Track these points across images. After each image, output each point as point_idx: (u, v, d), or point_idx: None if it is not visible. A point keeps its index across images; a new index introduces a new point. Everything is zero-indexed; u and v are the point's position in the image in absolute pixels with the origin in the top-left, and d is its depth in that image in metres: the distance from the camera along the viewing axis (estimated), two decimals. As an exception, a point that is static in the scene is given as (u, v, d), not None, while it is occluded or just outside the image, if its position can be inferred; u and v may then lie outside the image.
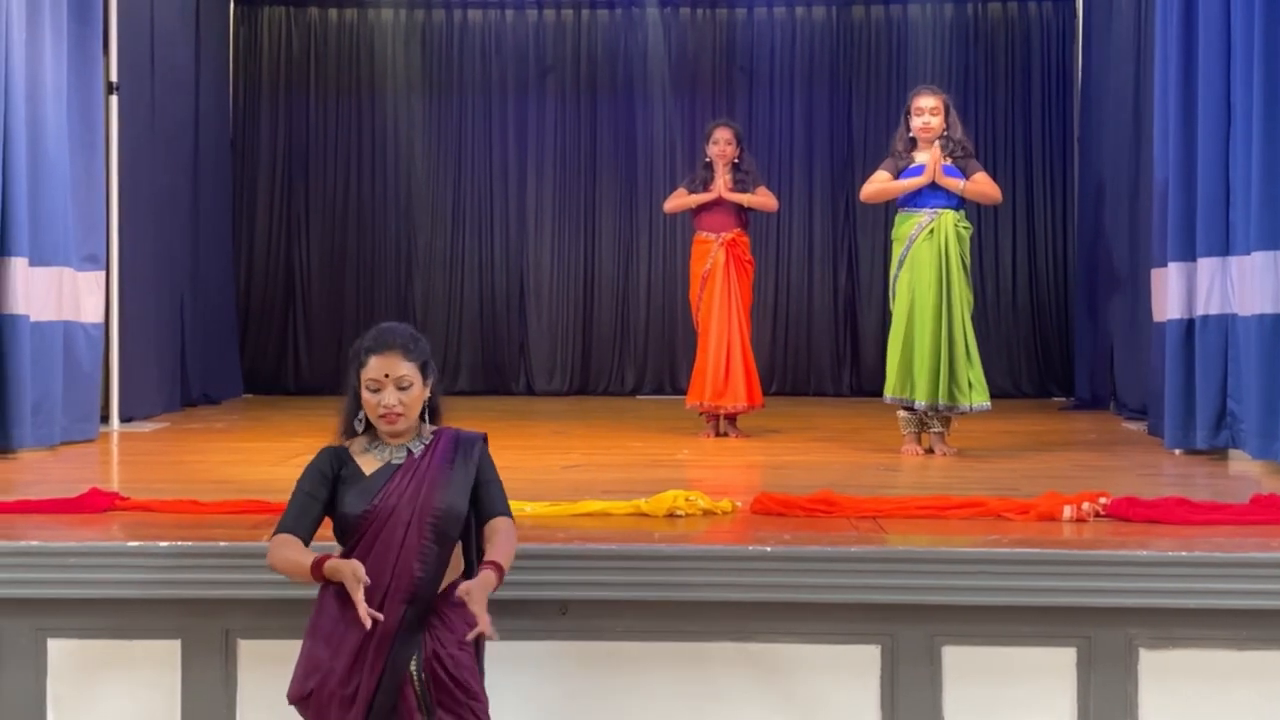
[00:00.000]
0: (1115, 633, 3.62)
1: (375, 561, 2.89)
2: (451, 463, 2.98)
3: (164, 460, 5.88)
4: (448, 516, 2.94)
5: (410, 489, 2.93)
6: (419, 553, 2.91)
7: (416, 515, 2.91)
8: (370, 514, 2.93)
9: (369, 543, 2.92)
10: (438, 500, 2.93)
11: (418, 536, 2.90)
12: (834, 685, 3.69)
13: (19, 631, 3.74)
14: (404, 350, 2.99)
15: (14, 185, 5.70)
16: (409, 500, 2.92)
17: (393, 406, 2.95)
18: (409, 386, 2.97)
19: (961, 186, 5.80)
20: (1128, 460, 5.70)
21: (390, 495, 2.94)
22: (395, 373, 2.96)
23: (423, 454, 3.00)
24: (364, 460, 3.01)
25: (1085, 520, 4.00)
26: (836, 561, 3.64)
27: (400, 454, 3.01)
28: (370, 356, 2.98)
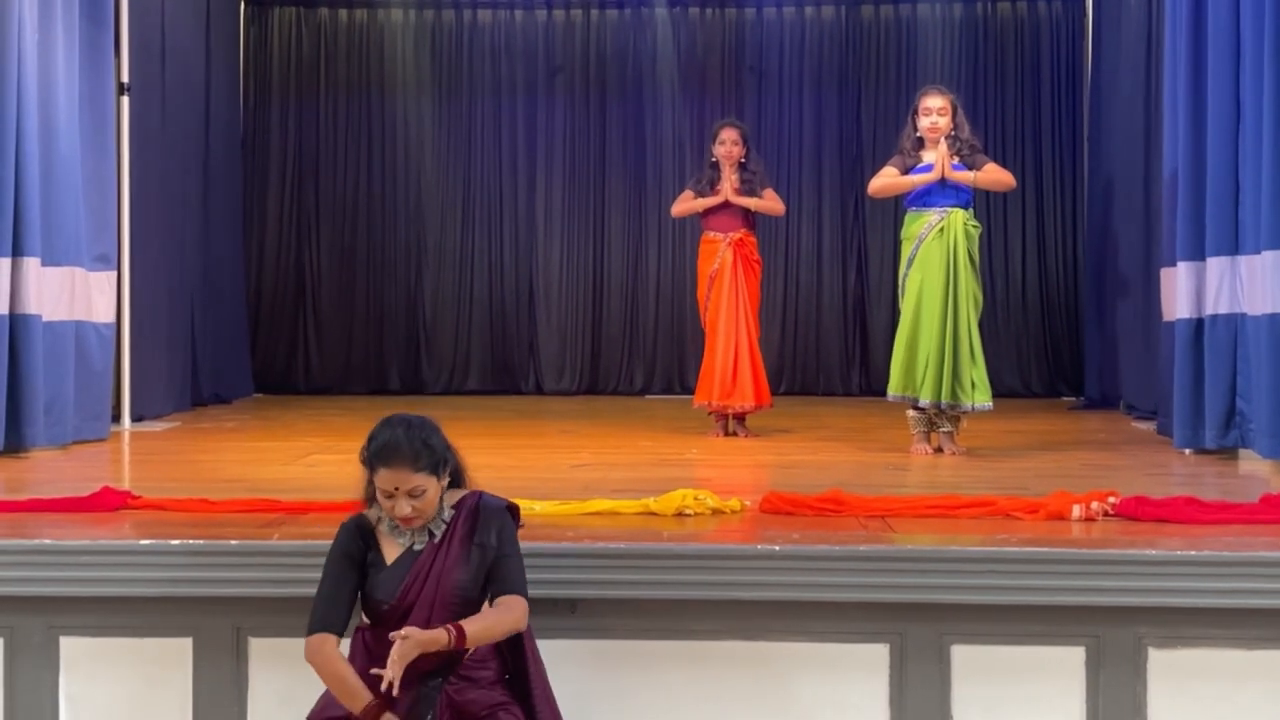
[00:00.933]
0: (1124, 632, 3.62)
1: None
2: (470, 539, 3.02)
3: (176, 459, 5.91)
4: (466, 596, 3.01)
5: (430, 579, 2.99)
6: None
7: (438, 603, 2.98)
8: (393, 608, 3.00)
9: (392, 627, 2.96)
10: (455, 583, 3.00)
11: (438, 617, 2.97)
12: (843, 684, 3.69)
13: (32, 629, 3.76)
14: (412, 464, 2.98)
15: (27, 186, 5.73)
16: (430, 591, 2.98)
17: (408, 515, 3.00)
18: (422, 494, 3.00)
19: (973, 178, 5.82)
20: (1136, 460, 5.70)
21: (411, 590, 3.00)
22: (405, 485, 2.98)
23: (444, 536, 3.04)
24: (386, 544, 3.06)
25: (1094, 519, 4.00)
26: (845, 560, 3.65)
27: (422, 538, 3.05)
28: (379, 467, 3.00)
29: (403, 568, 2.99)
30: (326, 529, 3.88)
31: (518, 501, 4.17)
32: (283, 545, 3.75)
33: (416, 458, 2.97)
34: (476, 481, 3.22)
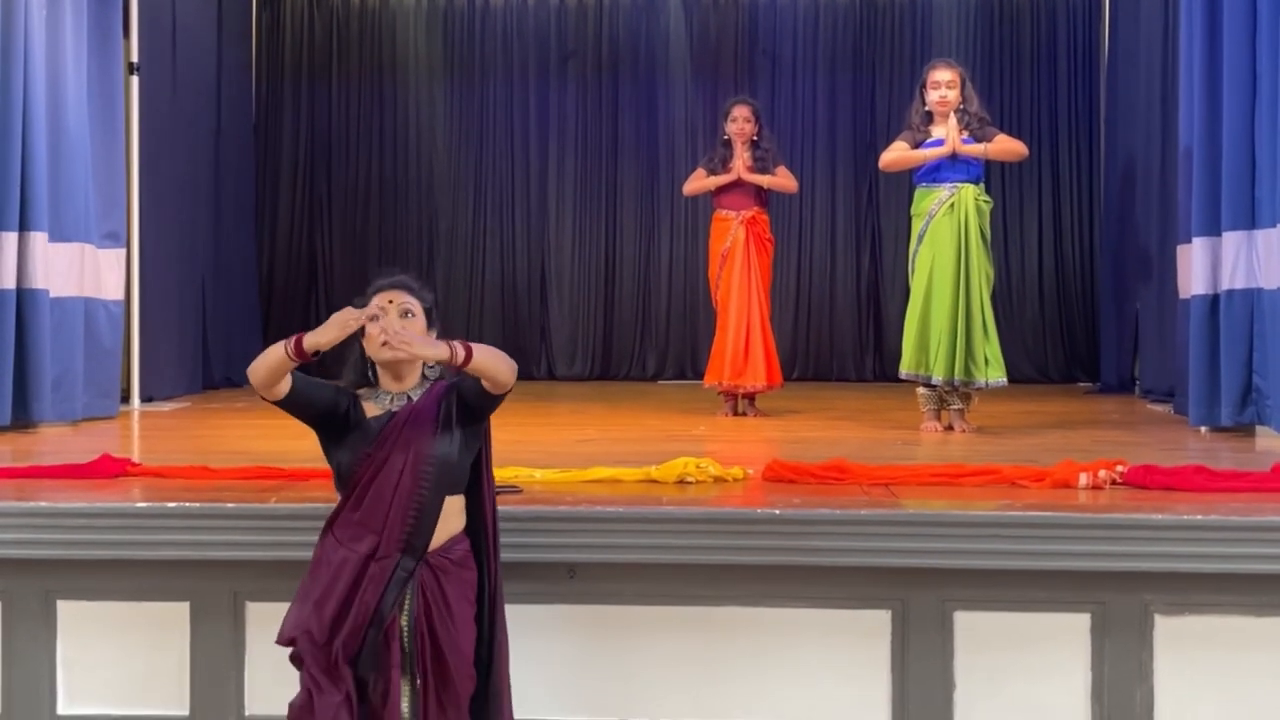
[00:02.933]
0: (1130, 598, 3.56)
1: (372, 504, 2.89)
2: (439, 410, 2.93)
3: (182, 434, 5.90)
4: (442, 465, 2.90)
5: (405, 434, 2.90)
6: (413, 499, 2.88)
7: (410, 461, 2.88)
8: (363, 460, 2.91)
9: (364, 488, 2.91)
10: (430, 448, 2.89)
11: (412, 482, 2.88)
12: (844, 651, 3.65)
13: (28, 593, 3.75)
14: (408, 287, 2.98)
15: (34, 160, 5.74)
16: (403, 445, 2.89)
17: (394, 329, 2.84)
18: (411, 316, 2.94)
19: (984, 150, 5.76)
20: (1150, 437, 5.62)
21: (387, 441, 2.90)
22: (398, 300, 2.95)
23: (419, 400, 2.97)
24: (368, 407, 2.99)
25: (1101, 488, 3.94)
26: (847, 525, 3.60)
27: (400, 401, 2.97)
28: (374, 295, 2.97)
29: (380, 423, 2.92)
30: (326, 494, 3.87)
31: (518, 470, 4.17)
32: (281, 508, 3.72)
33: (408, 285, 2.98)
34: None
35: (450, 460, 2.92)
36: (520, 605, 3.66)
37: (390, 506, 2.88)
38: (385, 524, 2.88)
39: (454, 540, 2.97)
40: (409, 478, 2.88)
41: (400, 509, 2.88)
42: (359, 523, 2.89)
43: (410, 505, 2.88)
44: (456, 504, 2.99)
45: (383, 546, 2.88)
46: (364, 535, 2.88)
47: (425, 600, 2.90)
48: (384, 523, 2.88)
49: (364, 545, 2.87)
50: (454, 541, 2.97)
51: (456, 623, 2.93)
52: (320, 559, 2.95)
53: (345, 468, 2.94)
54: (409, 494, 2.87)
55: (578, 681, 3.70)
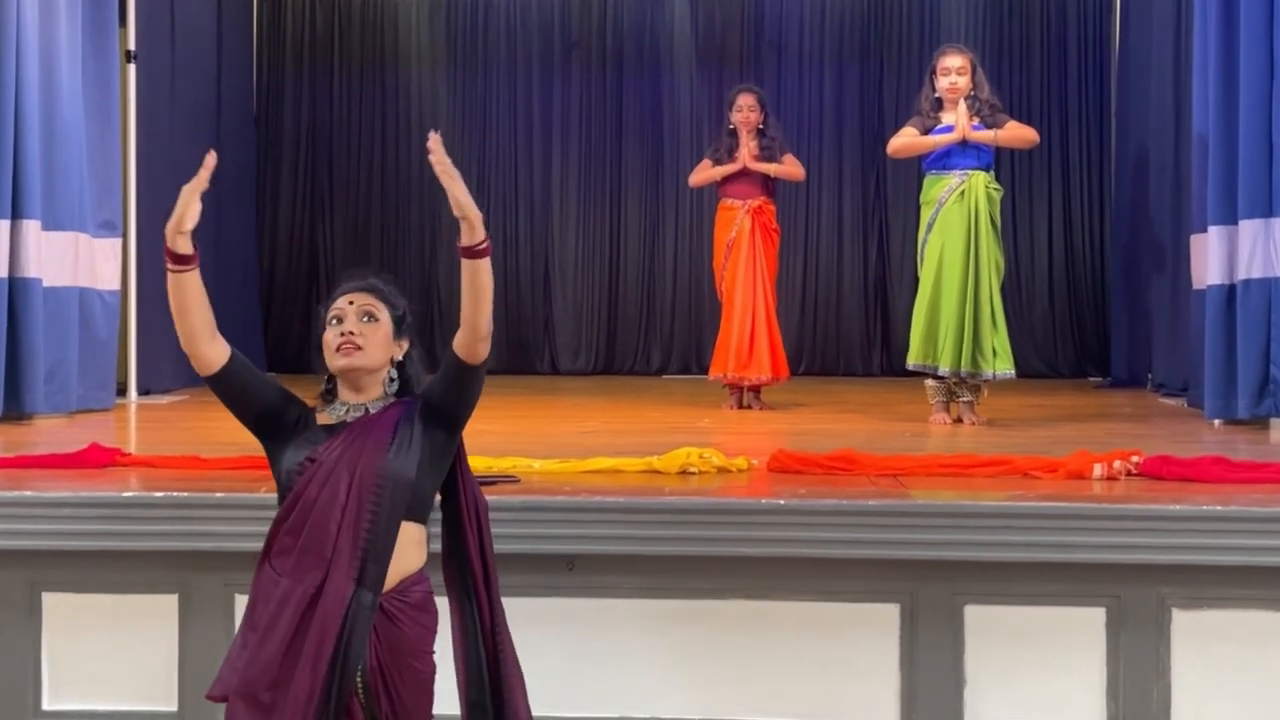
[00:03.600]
0: (1147, 592, 3.45)
1: (315, 526, 2.47)
2: (399, 421, 2.54)
3: (177, 427, 5.82)
4: (395, 484, 2.48)
5: (354, 446, 2.50)
6: (363, 521, 2.46)
7: (359, 477, 2.47)
8: (306, 465, 2.50)
9: (309, 502, 2.48)
10: (381, 463, 2.48)
11: (358, 501, 2.46)
12: (851, 645, 3.55)
13: (12, 585, 3.66)
14: (369, 289, 2.63)
15: (27, 147, 5.65)
16: (352, 458, 2.48)
17: (351, 333, 2.54)
18: (373, 320, 2.58)
19: (994, 136, 5.65)
20: (1165, 430, 5.51)
21: (333, 448, 2.51)
22: (359, 301, 2.60)
23: (379, 411, 2.59)
24: (321, 418, 2.63)
25: (1116, 479, 3.83)
26: (854, 515, 3.50)
27: (358, 413, 2.59)
28: (335, 298, 2.64)
29: (332, 430, 2.55)
30: (317, 484, 3.78)
31: (515, 460, 4.07)
32: (272, 498, 3.54)
33: (375, 288, 2.63)
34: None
35: (405, 478, 2.50)
36: (517, 598, 3.54)
37: (339, 529, 2.45)
38: (334, 550, 2.45)
39: (410, 580, 2.52)
40: (356, 496, 2.46)
41: (350, 532, 2.45)
42: (302, 549, 2.46)
43: (360, 528, 2.45)
44: (414, 534, 2.54)
45: (332, 577, 2.43)
46: (309, 565, 2.44)
47: (379, 651, 2.47)
48: (332, 548, 2.45)
49: (310, 577, 2.43)
50: (410, 582, 2.52)
51: (419, 679, 2.52)
52: (257, 596, 2.50)
53: (286, 476, 2.54)
54: (357, 515, 2.45)
55: (577, 677, 3.59)
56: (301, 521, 2.48)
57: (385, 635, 2.48)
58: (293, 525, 2.49)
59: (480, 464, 4.02)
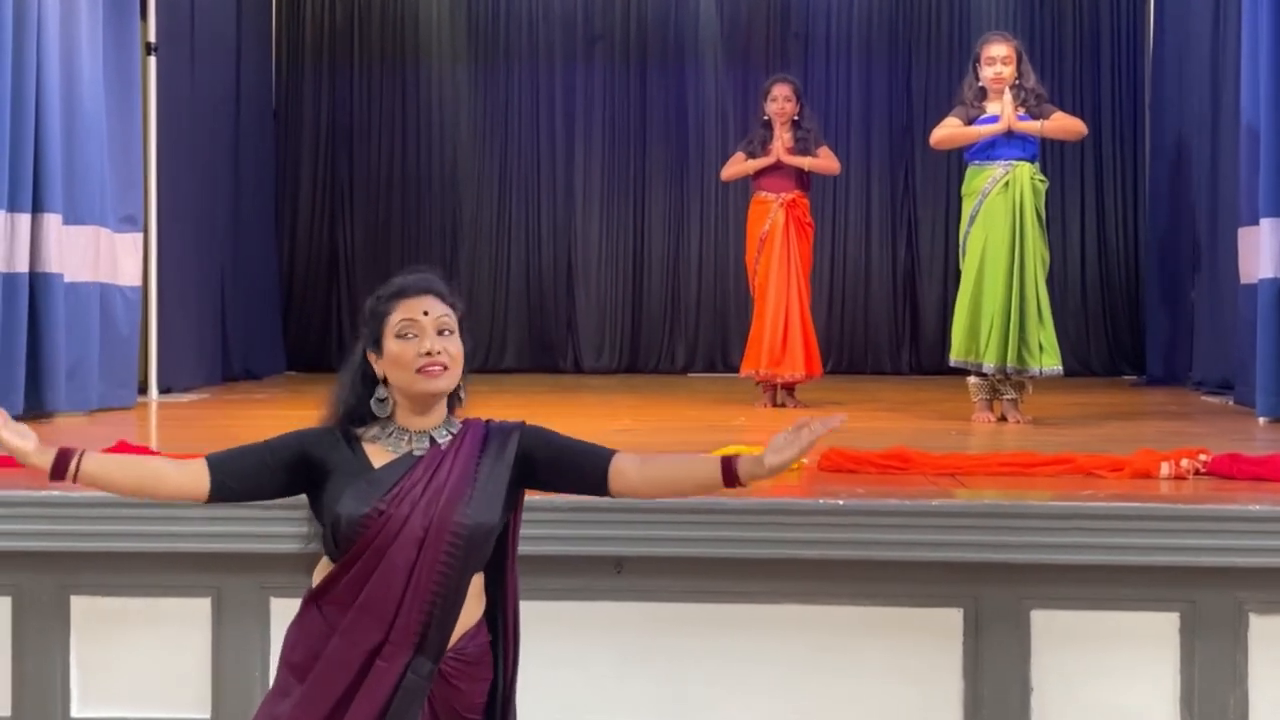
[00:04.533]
0: (1223, 596, 3.32)
1: (379, 585, 2.18)
2: (480, 458, 2.24)
3: (202, 425, 5.70)
4: (474, 534, 2.20)
5: (430, 491, 2.20)
6: (436, 578, 2.18)
7: (435, 528, 2.18)
8: (374, 518, 2.18)
9: (371, 560, 2.19)
10: (460, 513, 2.19)
11: (435, 556, 2.17)
12: (913, 652, 3.41)
13: (41, 588, 3.55)
14: (442, 295, 2.29)
15: (48, 140, 5.53)
16: (426, 506, 2.19)
17: (437, 351, 2.22)
18: (450, 335, 2.26)
19: (1040, 127, 5.49)
20: (1216, 428, 5.35)
21: (403, 497, 2.19)
22: (435, 312, 2.25)
23: (450, 446, 2.25)
24: (374, 450, 2.25)
25: (1184, 478, 3.70)
26: (915, 516, 3.36)
27: (423, 442, 2.25)
28: (399, 301, 2.27)
29: (397, 470, 2.20)
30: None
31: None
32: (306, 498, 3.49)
33: (446, 292, 2.29)
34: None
35: (487, 529, 2.23)
36: (563, 602, 3.45)
37: (406, 587, 2.18)
38: (398, 610, 2.18)
39: (470, 634, 2.26)
40: (432, 550, 2.18)
41: (418, 591, 2.18)
42: (362, 606, 2.18)
43: (431, 586, 2.18)
44: (478, 585, 2.28)
45: (392, 641, 2.18)
46: (368, 625, 2.18)
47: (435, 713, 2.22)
48: (396, 608, 2.18)
49: (367, 639, 2.18)
50: (470, 636, 2.26)
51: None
52: (302, 640, 2.25)
53: (346, 526, 2.20)
54: (430, 571, 2.17)
55: (624, 684, 3.47)
56: (364, 578, 2.19)
57: (441, 697, 2.23)
58: (354, 579, 2.20)
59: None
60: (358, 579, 2.20)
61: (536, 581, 3.43)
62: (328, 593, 2.24)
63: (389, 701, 2.18)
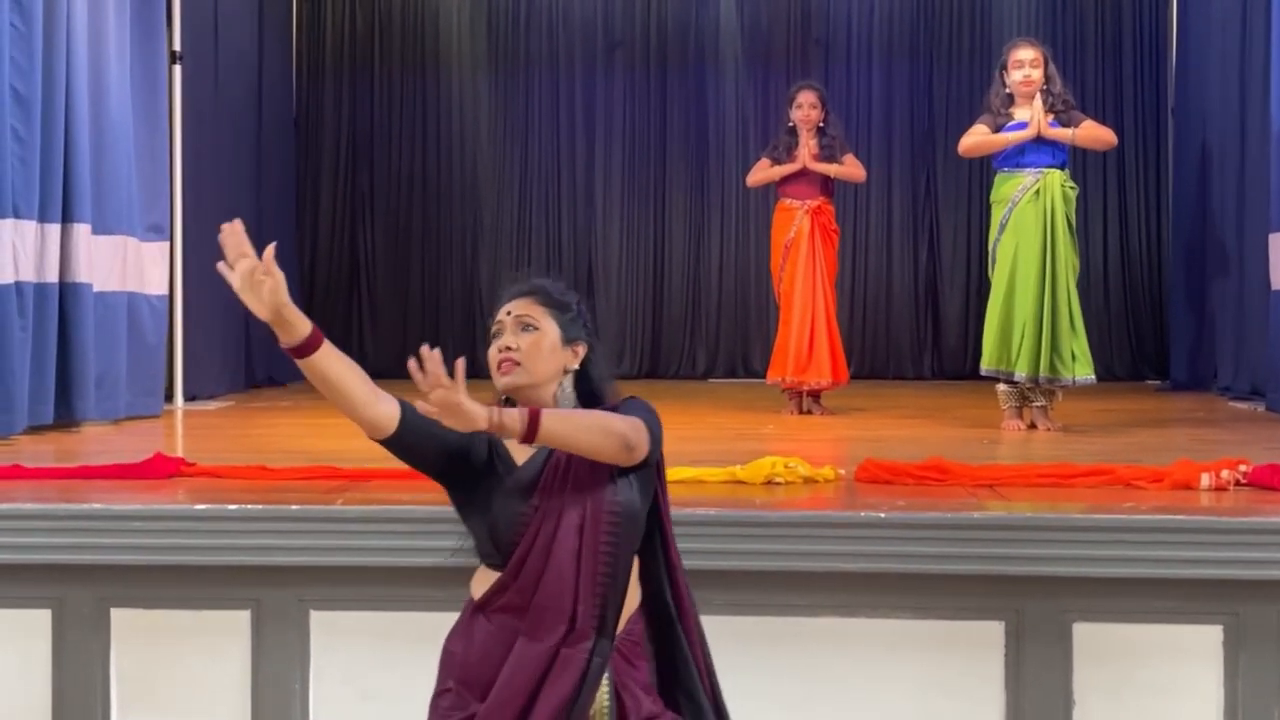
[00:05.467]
0: (1268, 609, 3.30)
1: (551, 581, 2.21)
2: None
3: (232, 433, 5.70)
4: (627, 510, 2.21)
5: (573, 480, 2.20)
6: (603, 560, 2.20)
7: (591, 513, 2.20)
8: (530, 514, 2.21)
9: (539, 558, 2.20)
10: (611, 493, 2.20)
11: (596, 539, 2.19)
12: (953, 665, 3.39)
13: (81, 601, 3.55)
14: (530, 294, 2.32)
15: (77, 150, 5.54)
16: (576, 494, 2.20)
17: (507, 347, 2.25)
18: (532, 329, 2.27)
19: (1071, 135, 5.47)
20: (1249, 435, 5.33)
21: (550, 490, 2.21)
22: (517, 310, 2.29)
23: None
24: (516, 450, 2.26)
25: (1225, 489, 3.68)
26: (957, 529, 3.34)
27: None
28: (494, 308, 2.34)
29: (535, 465, 2.22)
30: (393, 495, 3.66)
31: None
32: (347, 511, 3.51)
33: (536, 290, 2.32)
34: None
35: (635, 508, 2.23)
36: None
37: (578, 575, 2.20)
38: (575, 599, 2.20)
39: (633, 618, 2.30)
40: (592, 534, 2.20)
41: (589, 577, 2.20)
42: (539, 606, 2.20)
43: (600, 569, 2.20)
44: (634, 568, 2.31)
45: (577, 629, 2.19)
46: (551, 619, 2.20)
47: (622, 700, 2.24)
48: (574, 598, 2.20)
49: (552, 635, 2.19)
50: (634, 620, 2.30)
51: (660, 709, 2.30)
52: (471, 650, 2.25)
53: (503, 530, 2.22)
54: (595, 554, 2.19)
55: (664, 697, 3.45)
56: (535, 577, 2.21)
57: (625, 681, 2.25)
58: (524, 584, 2.21)
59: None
60: (529, 579, 2.21)
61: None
62: (497, 599, 2.24)
63: (577, 687, 2.19)
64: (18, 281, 5.16)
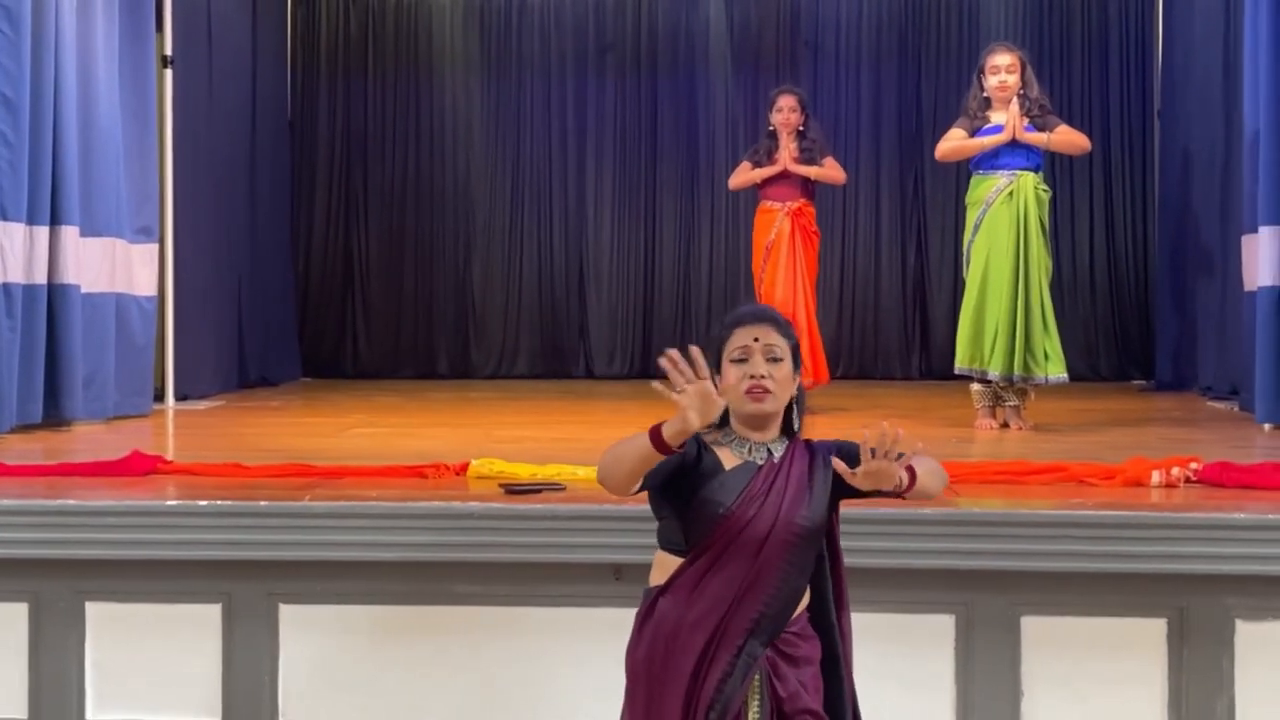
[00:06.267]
0: (1211, 602, 3.37)
1: (726, 575, 2.42)
2: (812, 471, 2.49)
3: (215, 432, 5.78)
4: (810, 533, 2.46)
5: (772, 496, 2.44)
6: (776, 572, 2.43)
7: (778, 528, 2.43)
8: (727, 518, 2.42)
9: (718, 553, 2.43)
10: (801, 514, 2.44)
11: (776, 553, 2.42)
12: (906, 657, 3.48)
13: (57, 594, 3.64)
14: (775, 324, 2.53)
15: (65, 154, 5.63)
16: (771, 509, 2.43)
17: (762, 375, 2.45)
18: (780, 360, 2.48)
19: (1046, 139, 5.55)
20: (1217, 434, 5.40)
21: (751, 500, 2.43)
22: (765, 338, 2.49)
23: (783, 458, 2.49)
24: (723, 454, 2.49)
25: (1175, 486, 3.75)
26: (908, 525, 3.42)
27: (761, 453, 2.49)
28: (736, 328, 2.52)
29: (742, 476, 2.45)
30: (362, 491, 3.75)
31: (560, 468, 4.02)
32: (316, 507, 3.60)
33: (779, 323, 2.54)
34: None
35: (819, 528, 2.49)
36: (563, 609, 3.53)
37: (749, 578, 2.42)
38: (738, 598, 2.42)
39: (799, 616, 2.52)
40: (774, 546, 2.43)
41: (761, 582, 2.43)
42: (713, 595, 2.43)
43: (772, 578, 2.43)
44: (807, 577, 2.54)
45: (732, 626, 2.42)
46: (711, 609, 2.42)
47: (776, 693, 2.44)
48: (737, 597, 2.42)
49: (709, 621, 2.42)
50: (799, 617, 2.52)
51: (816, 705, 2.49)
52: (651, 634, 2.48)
53: (699, 524, 2.44)
54: (773, 568, 2.42)
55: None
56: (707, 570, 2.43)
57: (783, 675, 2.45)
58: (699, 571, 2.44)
59: (524, 472, 3.98)
60: (703, 570, 2.44)
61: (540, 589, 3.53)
62: (674, 583, 2.47)
63: (726, 676, 2.41)
64: (6, 283, 5.26)
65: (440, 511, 3.54)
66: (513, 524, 3.54)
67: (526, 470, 3.98)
